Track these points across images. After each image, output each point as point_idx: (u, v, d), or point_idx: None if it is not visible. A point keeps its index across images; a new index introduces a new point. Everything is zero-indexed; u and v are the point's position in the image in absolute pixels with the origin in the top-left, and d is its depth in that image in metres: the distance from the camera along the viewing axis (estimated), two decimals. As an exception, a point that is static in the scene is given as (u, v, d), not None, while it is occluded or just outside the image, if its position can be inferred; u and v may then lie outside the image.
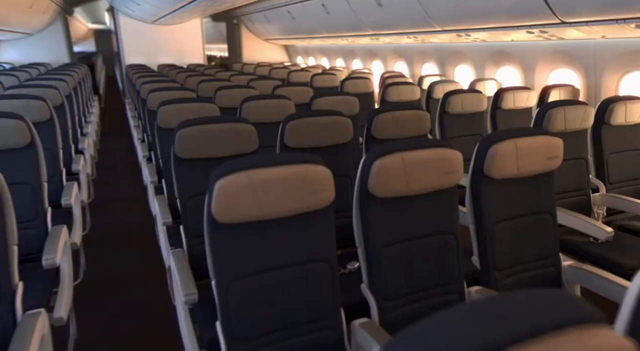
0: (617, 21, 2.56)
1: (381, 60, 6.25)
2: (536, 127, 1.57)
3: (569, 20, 2.81)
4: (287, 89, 3.51)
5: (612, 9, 2.49)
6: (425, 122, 2.29)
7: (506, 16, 3.21)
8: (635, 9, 2.38)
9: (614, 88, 3.26)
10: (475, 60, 4.51)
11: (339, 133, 2.04)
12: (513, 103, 3.22)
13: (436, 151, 1.36)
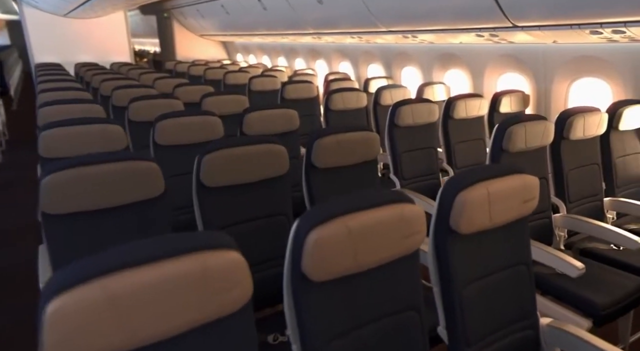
0: (571, 26, 2.40)
1: (325, 60, 5.92)
2: (508, 165, 1.28)
3: (521, 24, 2.62)
4: (218, 100, 3.05)
5: (567, 14, 2.31)
6: (374, 145, 1.97)
7: (454, 18, 2.98)
8: (591, 15, 2.22)
9: (564, 94, 3.15)
10: (422, 62, 4.30)
11: (270, 164, 1.67)
12: (465, 112, 3.01)
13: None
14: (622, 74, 2.70)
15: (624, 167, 2.59)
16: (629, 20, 2.10)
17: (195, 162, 1.57)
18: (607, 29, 2.24)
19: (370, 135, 1.92)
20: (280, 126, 2.53)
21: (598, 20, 2.22)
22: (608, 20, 2.18)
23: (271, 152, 1.67)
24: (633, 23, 2.10)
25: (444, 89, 4.04)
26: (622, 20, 2.12)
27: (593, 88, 2.99)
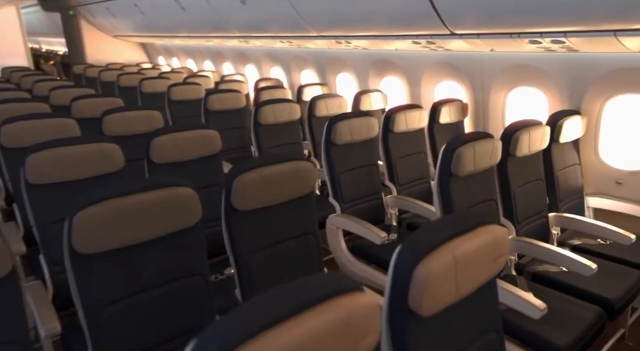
0: (510, 35, 2.28)
1: (255, 65, 5.54)
2: (474, 216, 1.03)
3: (459, 31, 2.47)
4: (123, 118, 2.58)
5: (506, 22, 2.18)
6: (309, 176, 1.66)
7: (390, 24, 2.78)
8: (531, 24, 2.10)
9: (501, 103, 3.09)
10: (357, 68, 4.10)
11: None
12: (405, 125, 2.82)
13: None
14: (557, 83, 2.66)
15: (565, 179, 2.55)
16: (569, 30, 2.00)
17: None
18: (546, 38, 2.14)
19: (303, 166, 1.62)
20: (198, 150, 2.14)
21: (538, 29, 2.11)
22: (548, 30, 2.07)
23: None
24: (573, 33, 2.00)
25: (381, 97, 3.86)
26: (563, 30, 2.02)
27: (529, 97, 2.95)
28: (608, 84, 2.44)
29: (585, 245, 2.37)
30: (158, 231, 1.25)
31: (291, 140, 3.25)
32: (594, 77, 2.46)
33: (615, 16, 1.77)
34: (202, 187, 2.14)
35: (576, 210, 2.61)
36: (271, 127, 3.13)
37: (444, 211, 1.92)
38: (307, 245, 1.65)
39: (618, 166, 2.59)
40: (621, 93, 2.44)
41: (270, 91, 4.09)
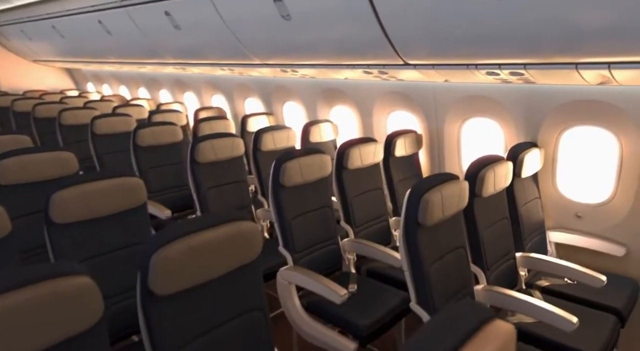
0: (467, 66, 2.16)
1: (195, 92, 5.18)
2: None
3: (413, 62, 2.33)
4: (23, 162, 2.12)
5: (463, 53, 2.06)
6: (254, 239, 1.36)
7: (339, 53, 2.60)
8: (489, 55, 1.99)
9: (456, 134, 2.99)
10: (305, 97, 3.89)
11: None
12: (360, 160, 2.62)
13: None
14: (513, 114, 2.59)
15: (528, 215, 2.44)
16: (529, 62, 1.91)
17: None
18: (505, 70, 2.04)
19: (246, 228, 1.31)
20: (115, 202, 1.77)
21: (496, 61, 2.00)
22: (507, 62, 1.97)
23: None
24: (533, 65, 1.91)
25: (331, 128, 3.67)
26: (522, 62, 1.92)
27: (485, 128, 2.87)
28: (564, 116, 2.39)
29: (554, 286, 2.25)
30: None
31: (234, 179, 2.93)
32: (550, 108, 2.41)
33: (577, 49, 1.69)
34: (122, 247, 1.79)
35: (540, 247, 2.51)
36: (211, 165, 2.79)
37: (412, 264, 1.69)
38: (253, 325, 1.34)
39: (577, 199, 2.53)
40: (577, 125, 2.40)
41: (211, 123, 3.76)
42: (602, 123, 2.27)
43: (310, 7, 2.27)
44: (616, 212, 2.38)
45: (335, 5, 2.18)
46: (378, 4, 2.00)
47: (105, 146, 3.62)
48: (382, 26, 2.10)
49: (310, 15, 2.33)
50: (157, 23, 3.31)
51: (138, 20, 3.41)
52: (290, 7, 2.31)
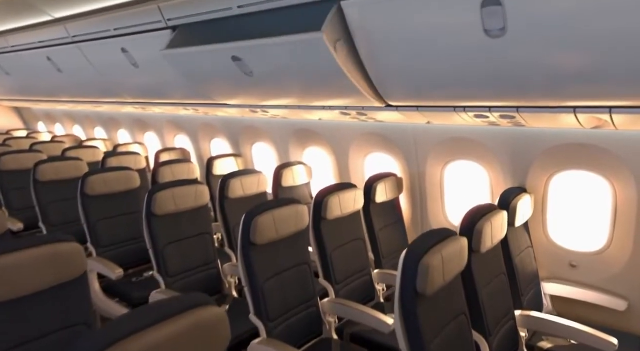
0: (454, 108, 2.03)
1: (156, 133, 4.88)
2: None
3: (396, 103, 2.19)
4: None
5: (450, 96, 1.92)
6: (221, 328, 1.07)
7: (314, 95, 2.43)
8: (479, 98, 1.86)
9: (439, 178, 2.84)
10: (276, 138, 3.69)
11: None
12: (340, 209, 2.39)
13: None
14: (499, 158, 2.47)
15: (522, 266, 2.27)
16: (522, 105, 1.78)
17: None
18: (495, 113, 1.91)
19: (209, 316, 1.03)
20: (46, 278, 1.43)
21: (487, 103, 1.87)
22: (498, 104, 1.84)
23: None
24: (526, 108, 1.79)
25: (305, 170, 3.46)
26: (515, 105, 1.80)
27: (469, 171, 2.74)
28: (553, 160, 2.28)
29: (557, 348, 2.05)
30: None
31: (198, 231, 2.61)
32: (538, 152, 2.30)
33: (575, 92, 1.58)
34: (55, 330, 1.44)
35: (535, 301, 2.33)
36: (171, 217, 2.48)
37: (409, 337, 1.44)
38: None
39: (571, 247, 2.39)
40: (567, 170, 2.29)
41: (173, 166, 3.46)
42: (593, 168, 2.17)
43: (269, 65, 2.15)
44: (614, 261, 2.25)
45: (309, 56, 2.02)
46: (359, 45, 1.86)
47: (50, 194, 3.23)
48: (364, 66, 1.95)
49: (274, 71, 2.19)
50: (113, 60, 3.06)
51: (92, 57, 3.15)
52: (251, 66, 2.17)
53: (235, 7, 2.08)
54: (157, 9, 2.43)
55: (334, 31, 1.76)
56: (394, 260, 2.84)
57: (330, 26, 1.72)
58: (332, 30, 1.73)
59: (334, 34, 1.76)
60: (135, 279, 2.85)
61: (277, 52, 1.99)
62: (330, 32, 1.73)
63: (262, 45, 1.97)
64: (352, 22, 1.78)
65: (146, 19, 2.53)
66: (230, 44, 2.10)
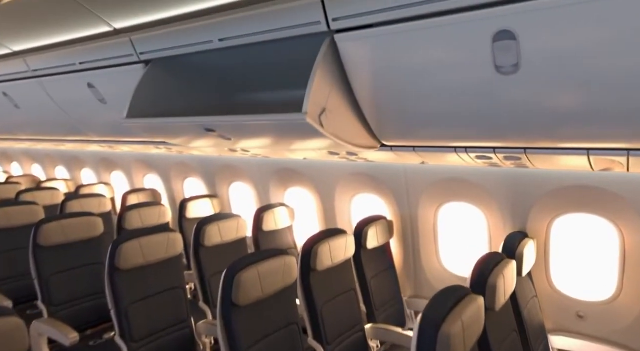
0: (455, 149, 1.90)
1: (124, 172, 4.58)
2: None
3: (391, 143, 2.05)
4: None
5: (452, 136, 1.80)
6: None
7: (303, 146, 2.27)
8: (483, 138, 1.74)
9: (432, 221, 2.69)
10: (255, 178, 3.48)
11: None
12: (330, 259, 2.18)
13: None
14: (497, 200, 2.35)
15: (530, 319, 2.09)
16: (530, 146, 1.67)
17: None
18: (500, 154, 1.79)
19: None
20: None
21: (491, 144, 1.75)
22: (503, 145, 1.73)
23: None
24: (535, 150, 1.68)
25: (287, 213, 3.24)
26: (521, 146, 1.68)
27: (462, 212, 2.60)
28: (555, 202, 2.17)
29: None
30: None
31: (168, 285, 2.32)
32: (540, 194, 2.19)
33: (589, 134, 1.47)
34: None
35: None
36: (138, 271, 2.19)
37: None
38: None
39: (577, 296, 2.25)
40: (569, 213, 2.18)
41: (142, 210, 3.17)
42: (598, 211, 2.07)
43: (248, 136, 1.99)
44: (624, 311, 2.11)
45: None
46: (354, 82, 1.73)
47: (1, 244, 2.87)
48: (358, 105, 1.81)
49: (254, 139, 2.03)
50: (78, 96, 2.83)
51: (54, 92, 2.91)
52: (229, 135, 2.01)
53: (216, 40, 1.93)
54: (128, 41, 2.25)
55: (324, 81, 1.60)
56: (386, 312, 2.62)
57: (317, 90, 1.55)
58: (319, 91, 1.57)
59: (321, 95, 1.60)
60: (94, 342, 2.49)
61: (257, 128, 1.82)
62: (314, 104, 1.55)
63: (241, 121, 1.79)
64: (346, 57, 1.66)
65: (116, 52, 2.34)
66: (205, 119, 1.90)
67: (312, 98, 1.57)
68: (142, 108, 2.22)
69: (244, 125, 1.79)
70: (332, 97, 1.70)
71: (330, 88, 1.68)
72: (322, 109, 1.63)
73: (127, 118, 2.16)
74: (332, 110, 1.71)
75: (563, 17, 1.18)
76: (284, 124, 1.67)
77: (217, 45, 1.95)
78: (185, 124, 1.99)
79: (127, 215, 3.05)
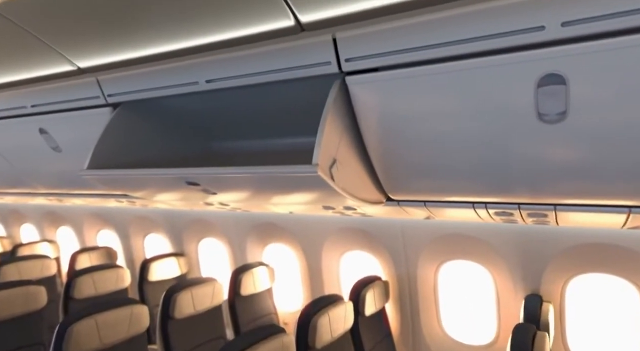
0: (472, 204, 1.72)
1: (73, 228, 4.07)
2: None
3: (398, 197, 1.84)
4: None
5: (470, 189, 1.62)
6: None
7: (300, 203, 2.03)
8: (502, 192, 1.58)
9: (432, 281, 2.46)
10: (230, 233, 3.15)
11: None
12: (330, 332, 1.87)
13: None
14: (505, 258, 2.18)
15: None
16: (561, 202, 1.52)
17: None
18: (524, 211, 1.62)
19: None
20: None
21: (514, 199, 1.59)
22: (529, 201, 1.57)
23: None
24: (564, 206, 1.52)
25: (266, 273, 2.91)
26: (554, 202, 1.53)
27: (466, 272, 2.40)
28: (571, 261, 2.02)
29: None
30: None
31: (131, 372, 1.90)
32: (555, 252, 2.03)
33: (634, 190, 1.34)
34: None
35: None
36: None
37: None
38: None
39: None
40: (586, 273, 2.03)
41: (95, 275, 2.72)
42: (620, 271, 1.93)
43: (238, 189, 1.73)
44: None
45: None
46: (365, 129, 1.54)
47: None
48: (368, 154, 1.62)
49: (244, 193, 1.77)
50: (26, 143, 2.46)
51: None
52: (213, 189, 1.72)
53: (202, 81, 1.70)
54: (95, 82, 1.98)
55: (333, 135, 1.40)
56: (387, 390, 2.31)
57: (326, 144, 1.35)
58: (330, 139, 1.36)
59: (332, 144, 1.38)
60: None
61: (251, 182, 1.55)
62: (325, 155, 1.33)
63: (234, 174, 1.51)
64: (358, 102, 1.47)
65: (79, 94, 2.05)
66: (188, 170, 1.60)
67: (323, 148, 1.35)
68: (107, 157, 1.91)
69: (236, 178, 1.53)
70: (342, 145, 1.50)
71: (340, 136, 1.48)
72: (332, 160, 1.42)
73: (89, 169, 1.84)
74: (342, 161, 1.49)
75: (621, 59, 1.06)
76: (287, 177, 1.43)
77: (204, 86, 1.71)
78: (161, 176, 1.69)
79: (78, 281, 2.60)
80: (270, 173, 1.41)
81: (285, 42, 1.48)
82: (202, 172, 1.57)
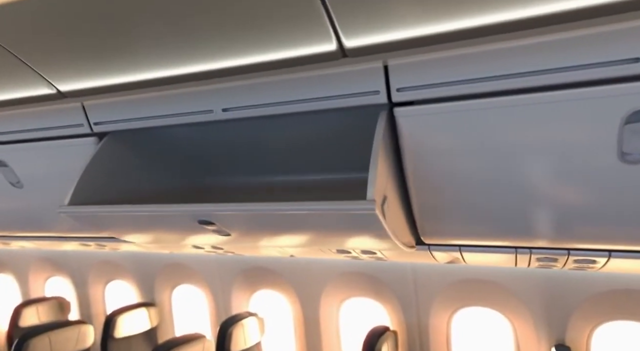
0: (516, 249, 1.59)
1: (15, 276, 3.53)
2: None
3: (430, 241, 1.69)
4: None
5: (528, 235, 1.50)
6: None
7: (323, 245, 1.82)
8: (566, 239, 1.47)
9: (445, 331, 2.29)
10: (212, 279, 2.83)
11: None
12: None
13: None
14: (526, 305, 2.06)
15: None
16: (618, 248, 1.43)
17: None
18: (574, 257, 1.52)
19: None
20: None
21: (566, 245, 1.48)
22: (583, 247, 1.47)
23: None
24: (622, 252, 1.44)
25: (257, 324, 2.60)
26: (610, 248, 1.44)
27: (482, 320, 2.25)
28: (597, 308, 1.94)
29: None
30: None
31: None
32: (581, 299, 1.94)
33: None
34: None
35: None
36: None
37: None
38: None
39: None
40: (614, 320, 1.95)
41: (51, 335, 2.29)
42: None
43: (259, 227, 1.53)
44: None
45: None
46: (409, 167, 1.39)
47: None
48: (408, 195, 1.46)
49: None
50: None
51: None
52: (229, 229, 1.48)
53: (218, 110, 1.49)
54: (79, 107, 1.70)
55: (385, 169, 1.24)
56: None
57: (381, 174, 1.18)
58: (382, 174, 1.20)
59: (383, 179, 1.21)
60: None
61: (281, 221, 1.32)
62: (378, 191, 1.15)
63: (270, 211, 1.27)
64: (407, 135, 1.33)
65: (57, 121, 1.76)
66: (205, 207, 1.34)
67: (378, 184, 1.18)
68: (91, 193, 1.61)
69: (268, 215, 1.30)
70: (389, 182, 1.33)
71: (389, 171, 1.32)
72: (383, 197, 1.24)
73: (72, 206, 1.53)
74: (390, 200, 1.32)
75: None
76: (332, 215, 1.23)
77: (219, 116, 1.50)
78: (168, 214, 1.42)
79: (31, 344, 2.16)
80: (317, 209, 1.21)
81: (325, 68, 1.32)
82: (223, 209, 1.33)
